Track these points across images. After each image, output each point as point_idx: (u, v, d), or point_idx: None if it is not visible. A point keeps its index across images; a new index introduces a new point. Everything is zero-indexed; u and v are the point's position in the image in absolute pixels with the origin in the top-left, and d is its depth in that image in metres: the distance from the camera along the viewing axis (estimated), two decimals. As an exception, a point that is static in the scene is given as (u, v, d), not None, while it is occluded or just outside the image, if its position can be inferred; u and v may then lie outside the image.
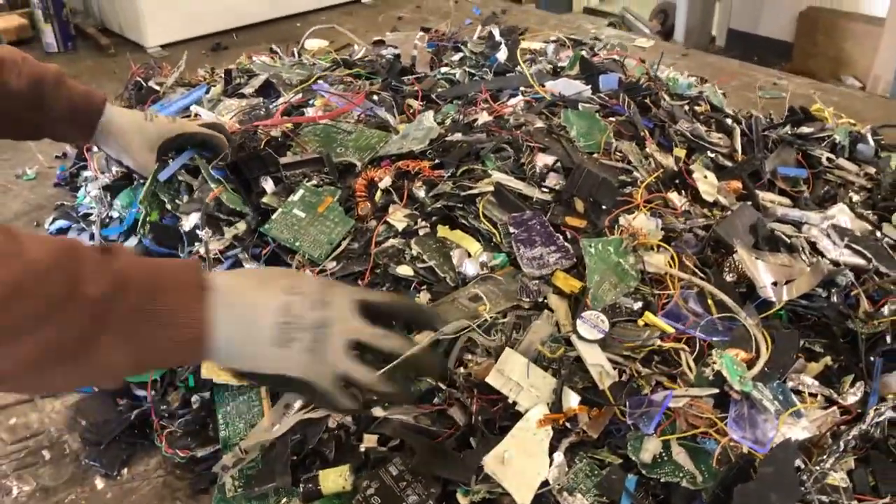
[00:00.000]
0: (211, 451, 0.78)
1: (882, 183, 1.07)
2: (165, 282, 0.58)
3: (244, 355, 0.61)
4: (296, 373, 0.62)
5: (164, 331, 0.57)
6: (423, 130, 1.06)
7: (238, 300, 0.61)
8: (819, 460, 0.69)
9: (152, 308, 0.56)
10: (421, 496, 0.68)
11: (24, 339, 0.51)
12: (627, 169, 0.98)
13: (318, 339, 0.62)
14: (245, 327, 0.60)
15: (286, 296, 0.62)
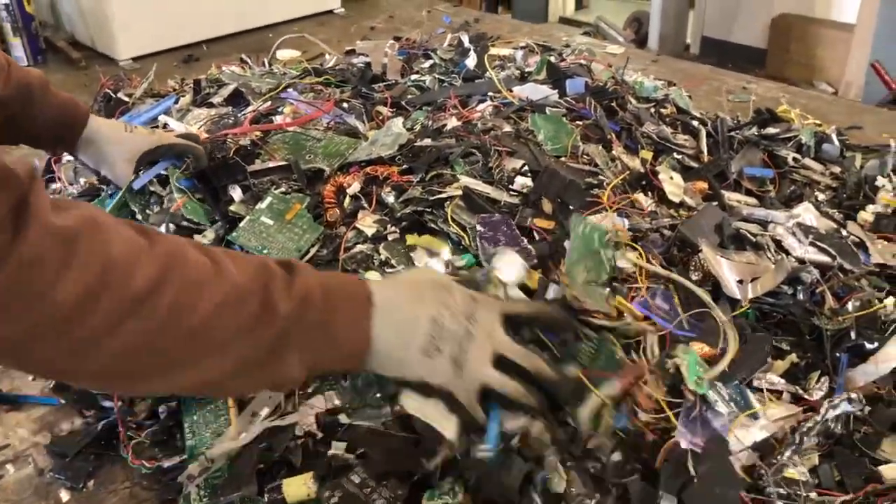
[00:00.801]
0: (178, 461, 0.76)
1: (847, 182, 1.09)
2: (339, 298, 0.63)
3: (393, 362, 0.65)
4: (438, 381, 0.65)
5: (336, 343, 0.63)
6: (392, 136, 1.06)
7: (397, 314, 0.65)
8: (777, 454, 0.69)
9: (329, 323, 0.62)
10: (388, 499, 0.67)
11: (227, 352, 0.57)
12: (594, 171, 0.98)
13: (464, 350, 0.65)
14: (401, 339, 0.65)
15: (438, 308, 0.66)
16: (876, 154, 1.17)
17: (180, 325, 0.54)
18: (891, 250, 0.95)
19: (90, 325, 0.51)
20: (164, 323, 0.53)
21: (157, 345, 0.54)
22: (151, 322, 0.53)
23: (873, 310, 0.83)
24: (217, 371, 0.57)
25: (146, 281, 0.52)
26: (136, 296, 0.52)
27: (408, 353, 0.64)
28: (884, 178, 1.08)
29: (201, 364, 0.56)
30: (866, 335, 0.82)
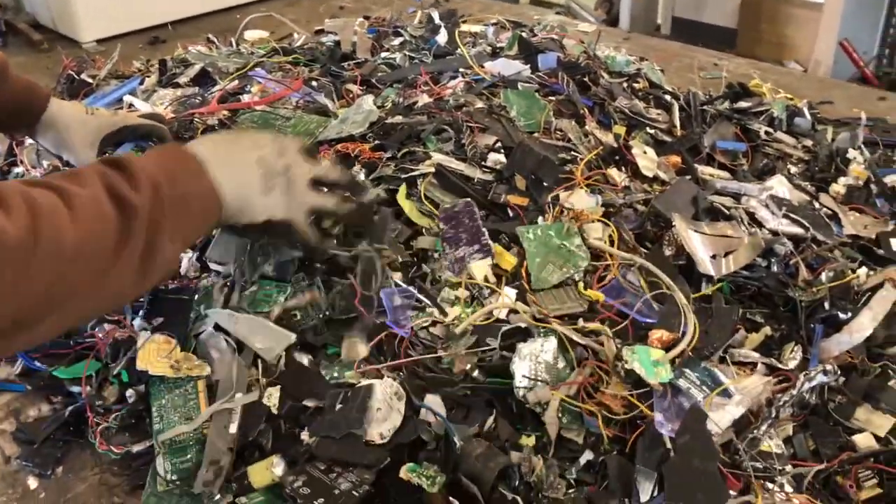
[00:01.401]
0: (147, 445, 0.75)
1: (819, 155, 1.09)
2: (173, 166, 0.67)
3: (243, 208, 0.72)
4: (280, 214, 0.74)
5: (192, 209, 0.67)
6: (363, 114, 1.05)
7: (229, 163, 0.71)
8: (753, 428, 0.69)
9: (182, 196, 0.65)
10: (353, 483, 0.66)
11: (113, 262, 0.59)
12: (568, 147, 0.98)
13: (289, 181, 0.75)
14: (238, 183, 0.71)
15: (257, 151, 0.74)
16: (847, 127, 1.17)
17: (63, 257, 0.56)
18: (863, 221, 0.96)
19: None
20: (51, 260, 0.55)
21: (54, 281, 0.56)
22: (42, 266, 0.55)
23: (846, 280, 0.83)
24: (113, 283, 0.60)
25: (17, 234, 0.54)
26: (23, 246, 0.54)
27: (251, 196, 0.72)
28: (855, 150, 1.09)
29: (98, 283, 0.59)
30: (840, 305, 0.82)
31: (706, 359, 0.75)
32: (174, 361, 0.77)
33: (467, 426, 0.72)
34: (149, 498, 0.71)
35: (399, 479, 0.67)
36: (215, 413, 0.74)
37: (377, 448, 0.70)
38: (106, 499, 0.73)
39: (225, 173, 0.70)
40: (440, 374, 0.75)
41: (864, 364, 0.78)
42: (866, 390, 0.77)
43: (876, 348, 0.81)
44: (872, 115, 1.26)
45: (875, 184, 1.03)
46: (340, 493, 0.66)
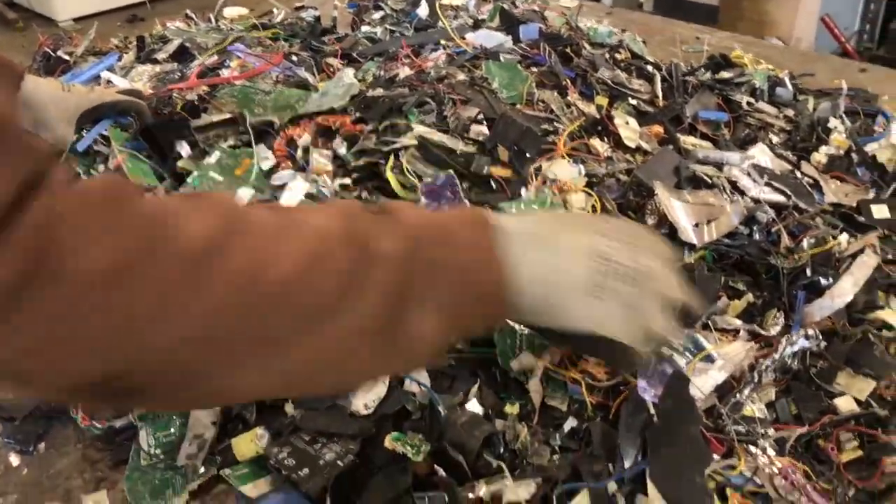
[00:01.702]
0: (130, 420, 0.75)
1: (801, 125, 1.09)
2: (451, 224, 0.51)
3: (551, 306, 0.52)
4: (610, 330, 0.52)
5: (465, 279, 0.48)
6: (344, 87, 1.04)
7: (539, 241, 0.52)
8: (735, 392, 0.69)
9: (449, 256, 0.48)
10: (338, 453, 0.66)
11: (328, 320, 0.42)
12: (550, 118, 0.97)
13: (640, 293, 0.52)
14: (552, 271, 0.51)
15: (599, 238, 0.52)
16: (828, 97, 1.17)
17: (256, 290, 0.39)
18: (844, 190, 0.96)
19: (130, 302, 0.37)
20: (234, 290, 0.39)
21: (229, 322, 0.39)
22: (216, 291, 0.38)
23: (828, 247, 0.84)
24: (321, 348, 0.42)
25: (201, 239, 0.38)
26: (192, 256, 0.38)
27: (569, 295, 0.51)
28: (836, 119, 1.09)
29: (294, 343, 0.41)
30: (821, 272, 0.82)
31: (689, 326, 0.75)
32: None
33: (452, 395, 0.72)
34: (132, 472, 0.71)
35: (384, 448, 0.67)
36: (199, 387, 0.74)
37: (362, 419, 0.70)
38: (89, 473, 0.72)
39: (531, 254, 0.50)
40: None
41: (846, 329, 0.79)
42: (847, 355, 0.78)
43: (857, 313, 0.81)
44: (852, 86, 1.26)
45: (856, 153, 1.03)
46: (325, 464, 0.66)
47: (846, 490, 0.70)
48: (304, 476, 0.65)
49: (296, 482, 0.65)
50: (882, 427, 0.75)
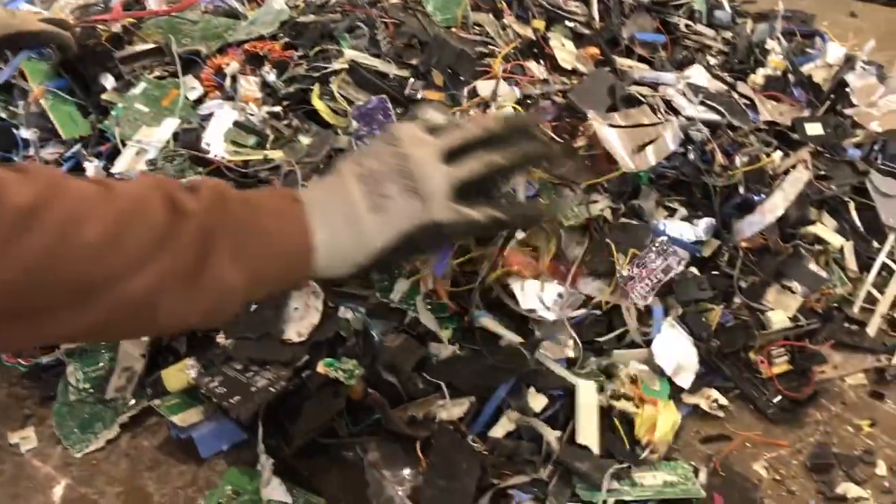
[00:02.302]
0: (57, 357, 0.73)
1: (738, 46, 1.09)
2: (258, 193, 0.54)
3: (351, 242, 0.54)
4: (410, 224, 0.54)
5: (270, 238, 0.51)
6: (274, 14, 1.00)
7: (324, 194, 0.55)
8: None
9: (254, 218, 0.51)
10: (270, 380, 0.65)
11: (143, 266, 0.45)
12: (485, 41, 0.95)
13: (408, 174, 0.54)
14: (342, 216, 0.53)
15: (354, 166, 0.55)
16: (767, 19, 1.17)
17: (73, 241, 0.43)
18: (779, 109, 0.96)
19: None
20: (57, 238, 0.42)
21: (56, 266, 0.43)
22: (40, 238, 0.42)
23: (761, 164, 0.84)
24: (139, 288, 0.45)
25: (25, 201, 0.42)
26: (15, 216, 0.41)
27: (359, 223, 0.53)
28: (773, 41, 1.09)
29: (116, 285, 0.44)
30: (754, 189, 0.83)
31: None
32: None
33: (387, 321, 0.72)
34: (60, 407, 0.70)
35: (317, 374, 0.66)
36: (127, 320, 0.72)
37: (295, 345, 0.70)
38: (16, 410, 0.71)
39: (322, 208, 0.53)
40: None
41: (777, 244, 0.80)
42: (778, 269, 0.79)
43: (789, 228, 0.82)
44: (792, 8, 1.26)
45: (792, 73, 1.04)
46: (257, 390, 0.65)
47: (771, 398, 0.71)
48: (234, 403, 0.64)
49: (226, 409, 0.64)
50: (810, 338, 0.77)
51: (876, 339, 0.79)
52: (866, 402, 0.74)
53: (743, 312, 0.77)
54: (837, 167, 0.89)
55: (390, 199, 0.53)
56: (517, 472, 0.63)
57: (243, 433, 0.67)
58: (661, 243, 0.75)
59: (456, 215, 0.54)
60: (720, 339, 0.74)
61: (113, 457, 0.67)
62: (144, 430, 0.69)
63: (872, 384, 0.76)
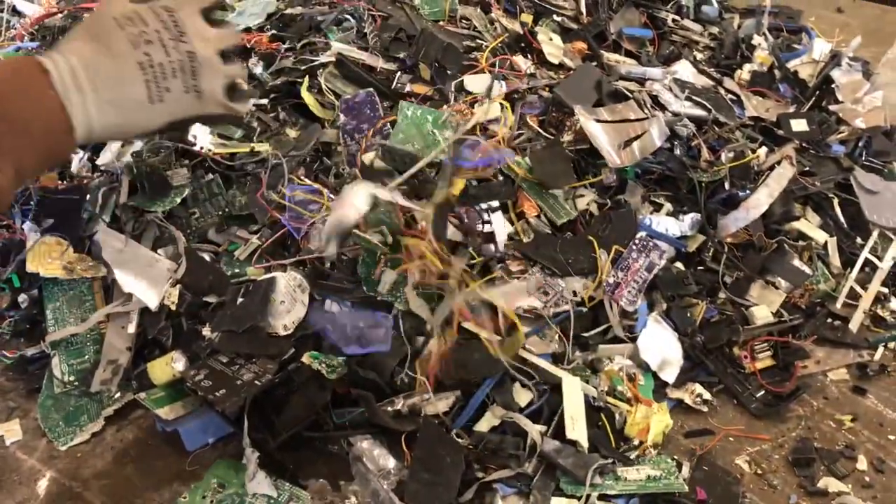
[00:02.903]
0: (42, 349, 0.73)
1: (725, 42, 1.09)
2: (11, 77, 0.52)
3: (125, 123, 0.55)
4: (183, 114, 0.56)
5: (28, 126, 0.51)
6: (261, 5, 1.00)
7: (95, 72, 0.53)
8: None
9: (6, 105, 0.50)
10: (256, 373, 0.65)
11: None
12: (473, 35, 0.95)
13: (194, 74, 0.55)
14: (115, 104, 0.53)
15: (137, 49, 0.54)
16: (754, 15, 1.17)
17: None
18: (765, 105, 0.97)
19: None
20: None
21: None
22: None
23: (746, 160, 0.84)
24: None
25: None
26: None
27: (134, 111, 0.54)
28: (760, 37, 1.09)
29: None
30: (739, 185, 0.83)
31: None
32: (67, 263, 0.74)
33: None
34: (45, 400, 0.70)
35: (302, 367, 0.67)
36: (112, 314, 0.72)
37: (281, 339, 0.70)
38: (0, 403, 0.70)
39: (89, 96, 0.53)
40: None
41: (761, 240, 0.80)
42: (762, 265, 0.80)
43: (773, 224, 0.83)
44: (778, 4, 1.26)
45: (778, 69, 1.04)
46: (243, 384, 0.65)
47: (754, 393, 0.72)
48: (220, 396, 0.64)
49: (212, 402, 0.64)
50: (793, 334, 0.77)
51: (858, 334, 0.79)
52: (848, 398, 0.75)
53: (727, 308, 0.78)
54: (822, 163, 0.90)
55: (171, 94, 0.55)
56: (501, 467, 0.63)
57: (229, 426, 0.67)
58: (641, 239, 0.76)
59: (224, 110, 0.57)
60: (704, 334, 0.74)
61: (98, 449, 0.67)
62: (130, 423, 0.69)
63: (855, 379, 0.77)
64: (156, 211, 0.76)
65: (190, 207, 0.79)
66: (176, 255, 0.75)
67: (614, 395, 0.68)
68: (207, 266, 0.75)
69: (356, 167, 0.79)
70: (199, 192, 0.79)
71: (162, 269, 0.73)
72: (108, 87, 0.53)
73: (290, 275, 0.73)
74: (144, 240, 0.76)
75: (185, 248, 0.75)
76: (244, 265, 0.75)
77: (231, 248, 0.77)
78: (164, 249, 0.76)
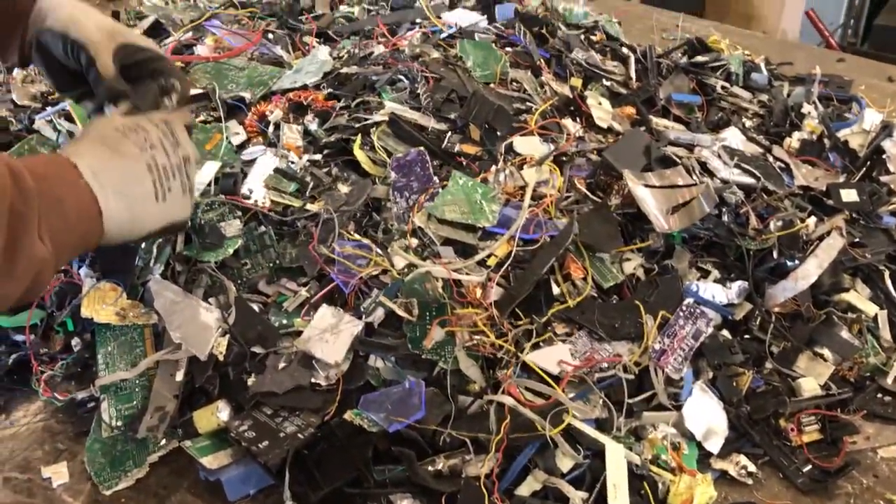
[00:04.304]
0: (92, 393, 0.74)
1: (774, 110, 1.09)
2: (36, 161, 0.59)
3: (135, 219, 0.63)
4: (181, 216, 0.67)
5: (67, 207, 0.57)
6: (318, 64, 1.03)
7: (112, 172, 0.61)
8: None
9: (50, 190, 0.56)
10: (299, 426, 0.66)
11: None
12: (523, 97, 0.97)
13: (188, 174, 0.66)
14: (130, 199, 0.62)
15: (143, 154, 0.63)
16: (803, 83, 1.18)
17: None
18: (814, 174, 0.97)
19: None
20: None
21: None
22: None
23: (795, 229, 0.84)
24: None
25: None
26: None
27: (144, 208, 0.63)
28: (809, 105, 1.09)
29: None
30: (788, 254, 0.83)
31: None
32: (120, 309, 0.76)
33: (416, 371, 0.72)
34: (93, 443, 0.71)
35: (344, 423, 0.67)
36: (162, 361, 0.74)
37: (324, 392, 0.70)
38: (49, 445, 0.72)
39: (109, 190, 0.60)
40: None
41: (809, 311, 0.79)
42: (810, 336, 0.79)
43: (822, 295, 0.82)
44: (829, 73, 1.27)
45: (828, 138, 1.04)
46: (286, 436, 0.66)
47: (801, 467, 0.70)
48: (263, 448, 0.65)
49: (255, 454, 0.65)
50: (842, 408, 0.76)
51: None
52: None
53: (774, 378, 0.77)
54: (872, 234, 0.89)
55: (172, 193, 0.64)
56: (542, 532, 0.63)
57: (271, 478, 0.67)
58: (688, 306, 0.76)
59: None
60: (750, 405, 0.73)
61: (142, 496, 0.68)
62: (173, 471, 0.70)
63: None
64: (209, 261, 0.78)
65: (242, 258, 0.81)
66: (226, 304, 0.76)
67: (658, 464, 0.68)
68: (256, 317, 0.76)
69: (405, 224, 0.81)
70: (251, 244, 0.81)
71: (212, 318, 0.74)
72: (122, 183, 0.61)
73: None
74: (196, 288, 0.78)
75: (235, 298, 0.76)
76: (292, 317, 0.76)
77: (280, 299, 0.78)
78: (214, 299, 0.77)
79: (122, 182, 0.61)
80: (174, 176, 0.64)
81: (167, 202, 0.64)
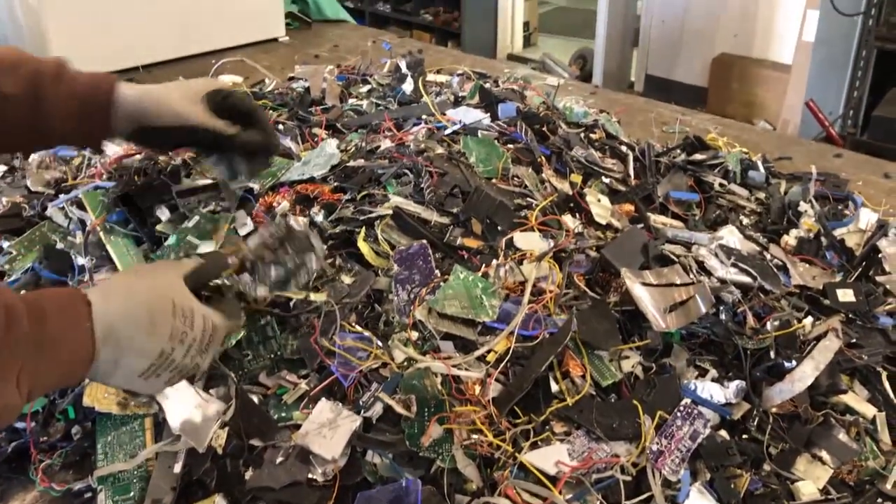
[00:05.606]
0: (89, 483, 0.74)
1: (772, 207, 1.11)
2: (45, 295, 0.58)
3: (108, 375, 0.61)
4: (146, 392, 0.70)
5: (55, 345, 0.56)
6: (325, 157, 1.06)
7: (122, 332, 0.60)
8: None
9: (40, 329, 0.55)
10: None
11: None
12: (524, 193, 0.99)
13: (181, 377, 0.65)
14: (125, 366, 0.61)
15: (170, 341, 0.62)
16: (800, 181, 1.20)
17: None
18: (811, 272, 0.98)
19: None
20: None
21: None
22: None
23: (792, 329, 0.85)
24: None
25: None
26: None
27: (125, 372, 0.61)
28: (806, 203, 1.11)
29: None
30: (785, 354, 0.83)
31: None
32: (121, 398, 0.77)
33: (413, 469, 0.72)
34: (89, 535, 0.71)
35: (341, 519, 0.67)
36: (161, 452, 0.74)
37: (321, 488, 0.70)
38: (45, 536, 0.72)
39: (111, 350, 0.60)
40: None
41: (807, 412, 0.79)
42: (808, 438, 0.78)
43: (820, 396, 0.82)
44: (827, 171, 1.29)
45: (825, 236, 1.06)
46: (282, 533, 0.66)
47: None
48: (258, 545, 0.65)
49: (250, 550, 0.65)
50: (844, 512, 0.75)
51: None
52: (900, 584, 0.72)
53: (772, 480, 0.76)
54: (869, 335, 0.89)
55: (157, 380, 0.63)
56: None
57: (265, 575, 0.67)
58: (685, 406, 0.76)
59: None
60: (749, 507, 0.73)
61: (134, 591, 0.67)
62: (167, 565, 0.69)
63: (907, 564, 0.74)
64: (211, 352, 0.79)
65: (244, 349, 0.82)
66: (227, 396, 0.77)
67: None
68: (256, 409, 0.77)
69: (406, 317, 0.82)
70: (253, 335, 0.82)
71: (212, 410, 0.75)
72: (126, 348, 0.60)
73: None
74: (197, 379, 0.79)
75: (236, 390, 0.77)
76: (291, 409, 0.77)
77: (280, 391, 0.79)
78: (215, 390, 0.78)
79: (127, 346, 0.60)
80: (171, 371, 0.63)
81: (146, 382, 0.62)
